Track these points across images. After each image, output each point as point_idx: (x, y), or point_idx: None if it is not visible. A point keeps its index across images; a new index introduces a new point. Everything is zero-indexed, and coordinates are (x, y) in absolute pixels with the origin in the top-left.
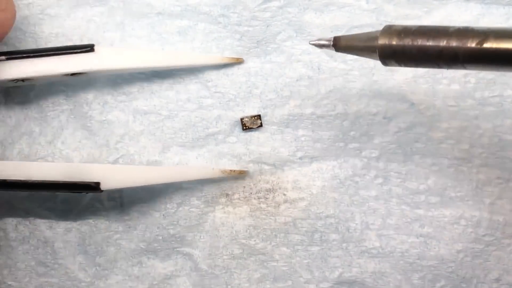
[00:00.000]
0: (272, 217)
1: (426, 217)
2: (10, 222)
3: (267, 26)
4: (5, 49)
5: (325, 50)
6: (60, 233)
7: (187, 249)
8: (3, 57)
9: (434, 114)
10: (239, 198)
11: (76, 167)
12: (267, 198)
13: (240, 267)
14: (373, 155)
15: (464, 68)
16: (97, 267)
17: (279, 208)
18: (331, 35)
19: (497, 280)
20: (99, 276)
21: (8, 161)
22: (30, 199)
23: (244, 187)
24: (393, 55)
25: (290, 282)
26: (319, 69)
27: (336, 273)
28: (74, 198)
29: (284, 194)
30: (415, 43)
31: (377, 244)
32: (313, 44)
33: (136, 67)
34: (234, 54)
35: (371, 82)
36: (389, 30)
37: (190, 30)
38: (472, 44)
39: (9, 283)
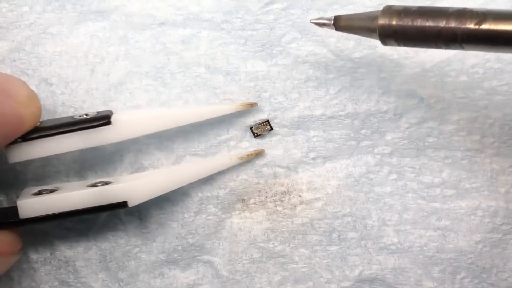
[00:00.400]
0: (289, 219)
1: (443, 210)
2: (31, 244)
3: (271, 29)
4: (9, 72)
5: (331, 49)
6: (80, 251)
7: (207, 257)
8: (19, 139)
9: (444, 107)
10: (255, 202)
11: (101, 191)
12: (282, 200)
13: (260, 270)
14: (386, 151)
15: (462, 48)
16: (120, 283)
17: (296, 210)
18: (335, 35)
19: None
20: None
21: (34, 198)
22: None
23: (260, 191)
24: (392, 35)
25: (311, 283)
26: (326, 69)
27: (357, 271)
28: (92, 216)
29: (300, 196)
30: (415, 23)
31: (395, 240)
32: (314, 23)
33: (153, 132)
34: (240, 60)
35: (379, 79)
36: (389, 10)
37: (194, 38)
38: (470, 25)
39: None
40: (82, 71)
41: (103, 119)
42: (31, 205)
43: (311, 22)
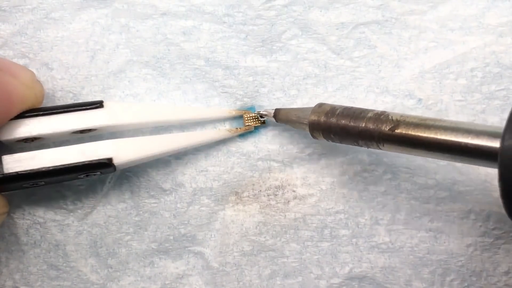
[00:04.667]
0: (281, 214)
1: (436, 212)
2: (21, 226)
3: (272, 25)
4: (11, 55)
5: (331, 47)
6: (71, 236)
7: (198, 248)
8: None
9: (442, 109)
10: (248, 196)
11: (87, 146)
12: (276, 195)
13: (250, 263)
14: (381, 151)
15: (380, 148)
16: (109, 269)
17: (289, 205)
18: (336, 33)
19: (507, 273)
20: (111, 278)
21: (19, 153)
22: (40, 203)
23: (254, 184)
24: (320, 131)
25: (300, 278)
26: (325, 67)
27: (347, 269)
28: (85, 200)
29: (294, 191)
30: (339, 123)
31: (386, 239)
32: (259, 114)
33: (145, 122)
34: (240, 54)
35: (378, 78)
36: (319, 109)
37: (195, 30)
38: (386, 129)
39: (22, 287)
40: (82, 57)
41: (96, 103)
42: (16, 158)
43: (256, 113)
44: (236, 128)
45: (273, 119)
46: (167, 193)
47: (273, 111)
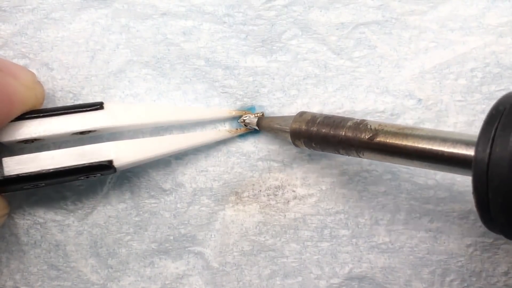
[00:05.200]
0: (281, 214)
1: (435, 212)
2: (22, 226)
3: (272, 25)
4: (11, 55)
5: (332, 47)
6: (71, 236)
7: (198, 248)
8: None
9: (442, 110)
10: (248, 196)
11: (87, 148)
12: (276, 195)
13: (250, 263)
14: None
15: (360, 156)
16: (109, 269)
17: (289, 205)
18: (336, 33)
19: (506, 273)
20: (112, 278)
21: (19, 155)
22: (40, 203)
23: (254, 184)
24: (301, 139)
25: (300, 278)
26: (325, 67)
27: (346, 269)
28: (85, 201)
29: (293, 191)
30: (320, 131)
31: (386, 239)
32: (241, 121)
33: (145, 123)
34: (240, 54)
35: (378, 78)
36: (300, 119)
37: (195, 30)
38: (365, 137)
39: (22, 287)
40: (82, 58)
41: (96, 105)
42: (17, 161)
43: (238, 122)
44: (236, 129)
45: (256, 128)
46: (167, 193)
47: (256, 119)
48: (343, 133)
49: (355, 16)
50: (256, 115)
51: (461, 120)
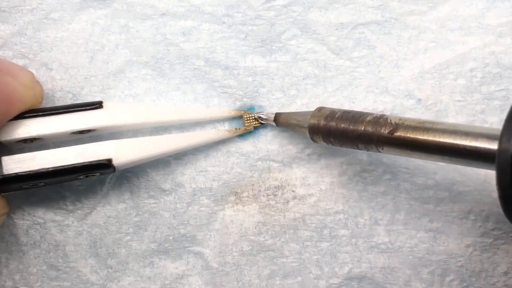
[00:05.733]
0: (281, 214)
1: (435, 212)
2: (21, 227)
3: (272, 25)
4: (10, 55)
5: (331, 47)
6: (71, 236)
7: (198, 248)
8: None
9: (441, 110)
10: (248, 196)
11: (86, 147)
12: (276, 195)
13: (250, 263)
14: None
15: (379, 151)
16: (109, 269)
17: (288, 205)
18: (335, 34)
19: (506, 273)
20: (111, 278)
21: (18, 154)
22: (40, 203)
23: (253, 185)
24: (319, 135)
25: (300, 278)
26: (325, 67)
27: (346, 269)
28: (85, 201)
29: (293, 191)
30: (339, 126)
31: (386, 239)
32: (259, 117)
33: (145, 122)
34: (239, 54)
35: (378, 78)
36: (318, 113)
37: (195, 30)
38: (384, 132)
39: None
40: (82, 58)
41: (95, 104)
42: (16, 160)
43: (256, 115)
44: (236, 129)
45: (274, 123)
46: (166, 193)
47: (273, 115)
48: (363, 127)
49: (354, 16)
50: (256, 115)
51: (461, 120)
